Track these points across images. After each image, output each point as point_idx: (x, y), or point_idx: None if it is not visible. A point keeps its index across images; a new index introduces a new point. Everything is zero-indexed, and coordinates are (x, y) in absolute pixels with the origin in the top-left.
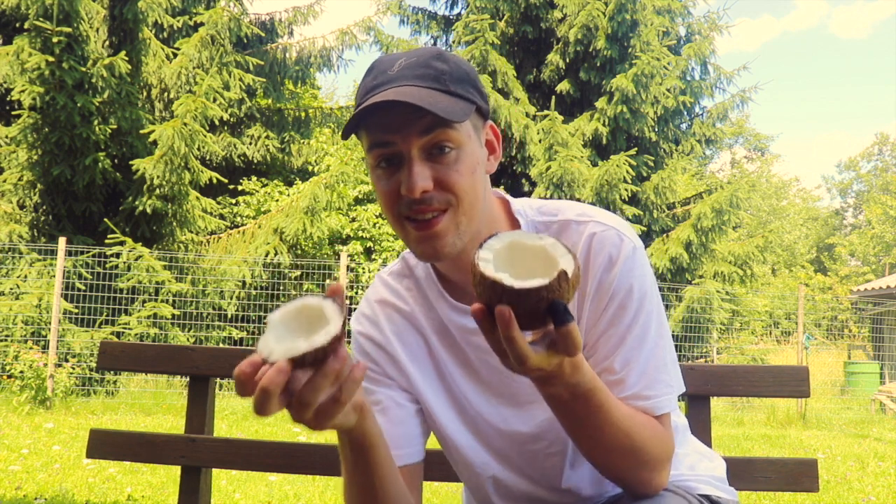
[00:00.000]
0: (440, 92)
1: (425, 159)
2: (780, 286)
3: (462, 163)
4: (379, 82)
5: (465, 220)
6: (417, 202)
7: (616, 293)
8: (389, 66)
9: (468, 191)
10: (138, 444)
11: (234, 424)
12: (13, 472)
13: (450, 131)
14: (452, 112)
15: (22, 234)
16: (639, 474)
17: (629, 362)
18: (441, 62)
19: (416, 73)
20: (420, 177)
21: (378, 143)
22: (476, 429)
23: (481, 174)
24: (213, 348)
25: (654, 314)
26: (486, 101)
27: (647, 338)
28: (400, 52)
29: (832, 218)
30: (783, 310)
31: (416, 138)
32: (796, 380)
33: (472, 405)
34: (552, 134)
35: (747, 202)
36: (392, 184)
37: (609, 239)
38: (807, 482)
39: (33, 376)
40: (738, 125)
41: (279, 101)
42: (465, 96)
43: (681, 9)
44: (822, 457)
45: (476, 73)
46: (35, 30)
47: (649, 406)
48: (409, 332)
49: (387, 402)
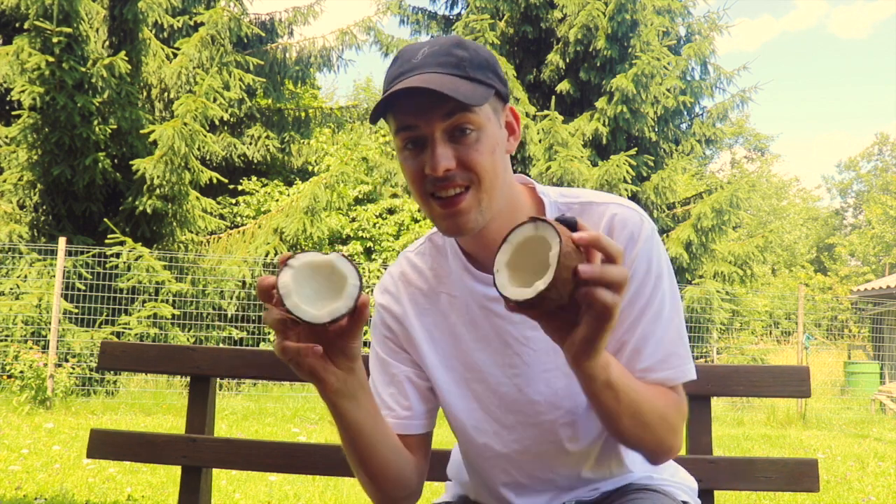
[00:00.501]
0: (461, 78)
1: (448, 141)
2: (780, 286)
3: (482, 143)
4: (404, 70)
5: (487, 198)
6: (441, 180)
7: (637, 270)
8: (414, 55)
9: (488, 169)
10: (138, 444)
11: (235, 424)
12: (13, 472)
13: (470, 115)
14: (472, 97)
15: (22, 234)
16: (662, 440)
17: (647, 336)
18: (462, 49)
19: (439, 61)
20: (443, 157)
21: (404, 126)
22: (486, 400)
23: (501, 154)
24: (214, 348)
25: (670, 292)
26: (505, 86)
27: (663, 312)
28: (423, 41)
29: (832, 218)
30: (783, 310)
31: (438, 122)
32: (797, 380)
33: (487, 376)
34: (552, 134)
35: (747, 202)
36: (417, 164)
37: (631, 218)
38: (807, 482)
39: (33, 376)
40: (738, 125)
41: (279, 101)
42: (484, 81)
43: (681, 9)
44: (823, 457)
45: (495, 59)
46: (35, 30)
47: (666, 377)
48: (428, 307)
49: (400, 375)
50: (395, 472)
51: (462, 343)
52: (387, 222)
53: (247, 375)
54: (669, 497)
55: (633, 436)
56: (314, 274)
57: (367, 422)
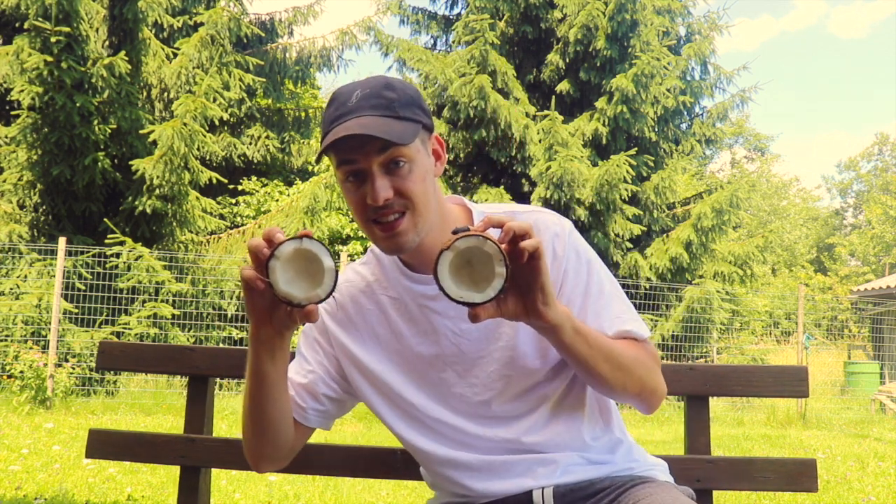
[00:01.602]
0: (391, 118)
1: (384, 173)
2: (780, 286)
3: (414, 173)
4: (340, 113)
5: (421, 220)
6: (381, 208)
7: (568, 258)
8: (348, 98)
9: (421, 195)
10: (138, 444)
11: (234, 424)
12: (13, 472)
13: (402, 149)
14: (403, 135)
15: (22, 234)
16: (648, 382)
17: (598, 312)
18: (390, 91)
19: (371, 104)
20: (382, 188)
21: (344, 160)
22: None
23: (431, 180)
24: (213, 348)
25: (604, 271)
26: (430, 118)
27: (604, 289)
28: (355, 83)
29: (832, 218)
30: (783, 310)
31: (375, 156)
32: (796, 380)
33: (430, 366)
34: (552, 134)
35: (747, 202)
36: (359, 195)
37: (550, 219)
38: (806, 482)
39: (33, 376)
40: (738, 125)
41: (279, 101)
42: (412, 118)
43: (681, 9)
44: (822, 457)
45: (420, 94)
46: (34, 30)
47: (625, 330)
48: (370, 306)
49: (316, 368)
50: (274, 434)
51: (404, 339)
52: None
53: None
54: (667, 485)
55: (616, 380)
56: (296, 258)
57: (273, 378)
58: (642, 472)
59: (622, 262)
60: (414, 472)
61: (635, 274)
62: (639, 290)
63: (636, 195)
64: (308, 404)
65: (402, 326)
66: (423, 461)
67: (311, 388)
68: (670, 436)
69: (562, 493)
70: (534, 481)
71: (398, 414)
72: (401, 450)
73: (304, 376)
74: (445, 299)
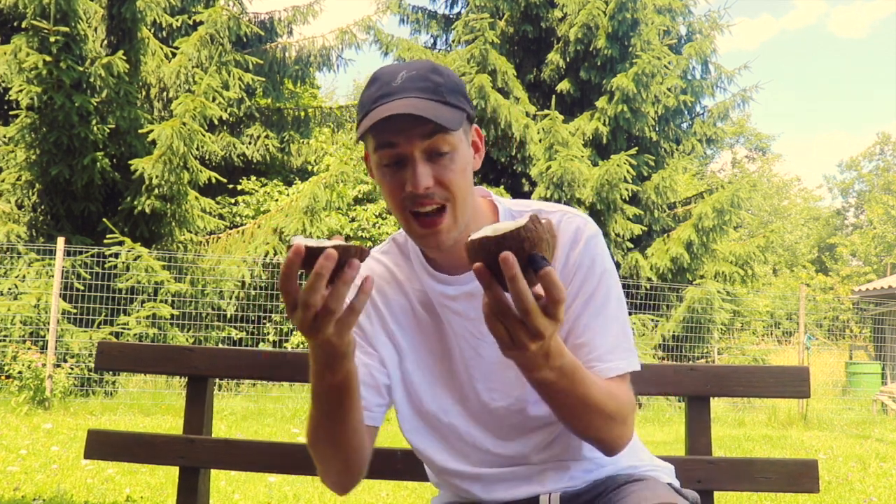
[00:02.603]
0: (438, 103)
1: (426, 160)
2: (781, 286)
3: (456, 163)
4: (385, 92)
5: (461, 215)
6: (420, 196)
7: (580, 266)
8: (392, 78)
9: (462, 187)
10: (136, 444)
11: (234, 425)
12: (11, 472)
13: (447, 136)
14: (450, 121)
15: (20, 234)
16: (612, 432)
17: (593, 328)
18: (437, 75)
19: (418, 86)
20: (423, 175)
21: (385, 144)
22: (448, 385)
23: (470, 173)
24: (212, 349)
25: (615, 288)
26: (472, 108)
27: (608, 306)
28: (400, 64)
29: (833, 218)
30: (784, 310)
31: (418, 142)
32: (797, 380)
33: (449, 365)
34: (552, 133)
35: (748, 202)
36: (397, 180)
37: (574, 222)
38: (807, 483)
39: (32, 377)
40: (739, 125)
41: (279, 101)
42: (458, 106)
43: (681, 8)
44: (824, 457)
45: (464, 83)
46: (33, 29)
47: (612, 367)
48: (395, 296)
49: (361, 367)
50: (358, 451)
51: (427, 337)
52: (387, 222)
53: (245, 376)
54: (658, 481)
55: (585, 426)
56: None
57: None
58: (644, 472)
59: (623, 262)
60: (414, 472)
61: (636, 274)
62: (639, 290)
63: (637, 195)
64: (373, 401)
65: (426, 324)
66: (429, 466)
67: (371, 380)
68: (671, 436)
69: (568, 497)
70: (541, 487)
71: (415, 419)
72: (401, 450)
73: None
74: (466, 300)
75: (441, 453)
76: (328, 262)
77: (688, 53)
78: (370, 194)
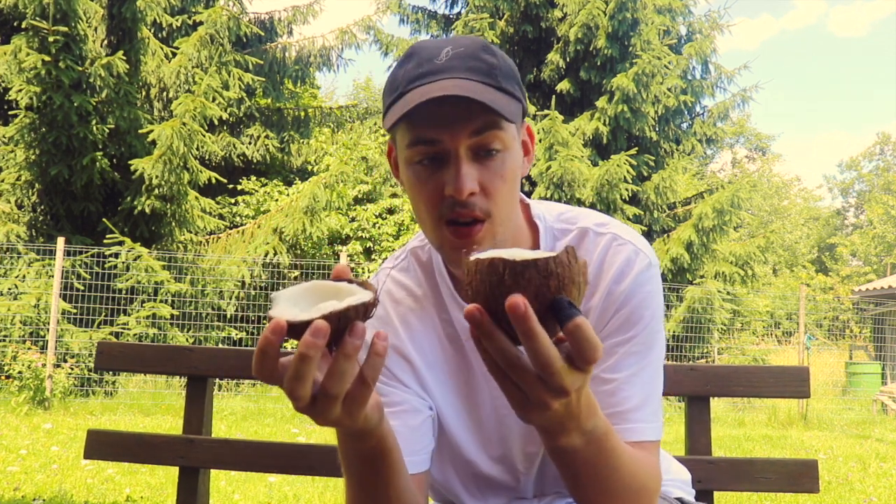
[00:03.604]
0: (494, 88)
1: (472, 160)
2: (781, 286)
3: (506, 168)
4: (427, 71)
5: (501, 231)
6: (461, 204)
7: (623, 305)
8: (436, 55)
9: (508, 199)
10: (136, 444)
11: (233, 425)
12: (11, 472)
13: (500, 133)
14: (509, 112)
15: (20, 234)
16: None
17: (624, 378)
18: (490, 55)
19: (468, 66)
20: (468, 177)
21: (424, 139)
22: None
23: (518, 180)
24: (212, 349)
25: (659, 338)
26: (526, 100)
27: (647, 357)
28: (442, 40)
29: (833, 218)
30: (784, 310)
31: (465, 137)
32: (797, 380)
33: (478, 407)
34: (552, 133)
35: (748, 202)
36: (434, 183)
37: (624, 251)
38: (807, 483)
39: (32, 377)
40: (739, 125)
41: (279, 101)
42: (515, 94)
43: (681, 7)
44: (824, 457)
45: (516, 69)
46: (32, 29)
47: (635, 429)
48: (421, 328)
49: (404, 404)
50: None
51: (451, 370)
52: (387, 222)
53: (245, 376)
54: (663, 497)
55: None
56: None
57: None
58: None
59: None
60: None
61: None
62: None
63: (637, 195)
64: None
65: (452, 362)
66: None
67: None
68: (671, 436)
69: None
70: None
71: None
72: None
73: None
74: None
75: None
76: (317, 340)
77: (688, 53)
78: (370, 194)
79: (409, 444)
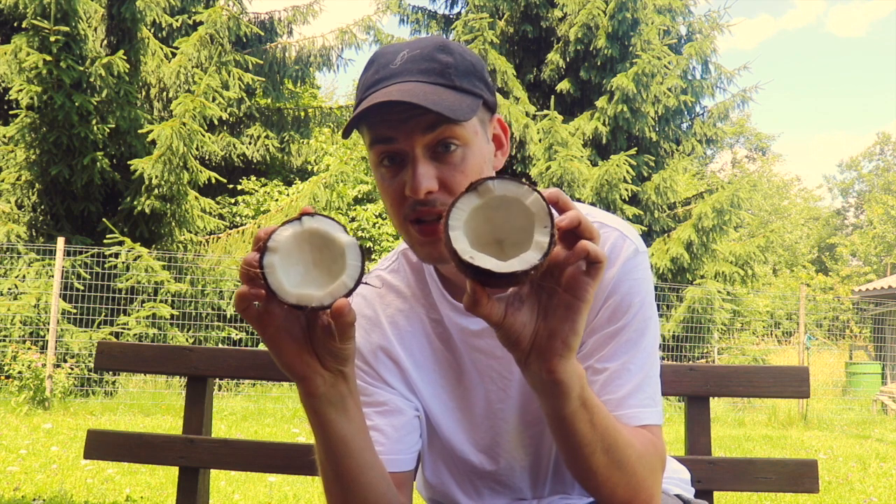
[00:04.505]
0: (445, 87)
1: (430, 158)
2: (781, 286)
3: (468, 162)
4: (381, 77)
5: None
6: (421, 203)
7: (612, 294)
8: (391, 60)
9: None
10: (136, 444)
11: (234, 425)
12: (11, 472)
13: (455, 128)
14: (458, 110)
15: (20, 234)
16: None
17: (617, 367)
18: (445, 54)
19: (420, 68)
20: (424, 177)
21: (380, 139)
22: (468, 428)
23: (488, 172)
24: (211, 349)
25: (652, 325)
26: (493, 94)
27: (640, 344)
28: (402, 43)
29: (833, 218)
30: (784, 310)
31: (419, 136)
32: (797, 380)
33: (472, 405)
34: (552, 133)
35: (748, 202)
36: (396, 184)
37: (610, 238)
38: (807, 483)
39: (31, 377)
40: (739, 125)
41: (278, 101)
42: (471, 91)
43: (681, 7)
44: (824, 457)
45: (483, 63)
46: (33, 29)
47: (629, 415)
48: (410, 329)
49: (388, 404)
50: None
51: (443, 369)
52: (386, 222)
53: (244, 376)
54: (663, 493)
55: (607, 478)
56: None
57: (355, 439)
58: None
59: None
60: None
61: None
62: None
63: (636, 195)
64: (403, 445)
65: (443, 361)
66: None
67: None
68: (671, 436)
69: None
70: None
71: (447, 470)
72: None
73: (375, 414)
74: (492, 336)
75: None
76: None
77: (688, 53)
78: (370, 194)
79: (392, 443)
